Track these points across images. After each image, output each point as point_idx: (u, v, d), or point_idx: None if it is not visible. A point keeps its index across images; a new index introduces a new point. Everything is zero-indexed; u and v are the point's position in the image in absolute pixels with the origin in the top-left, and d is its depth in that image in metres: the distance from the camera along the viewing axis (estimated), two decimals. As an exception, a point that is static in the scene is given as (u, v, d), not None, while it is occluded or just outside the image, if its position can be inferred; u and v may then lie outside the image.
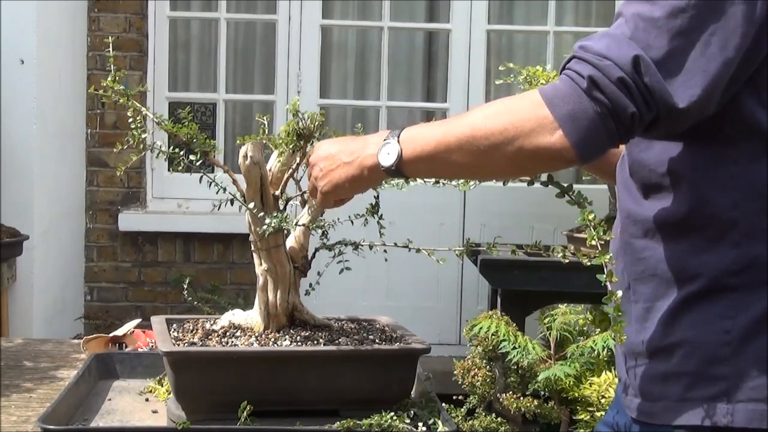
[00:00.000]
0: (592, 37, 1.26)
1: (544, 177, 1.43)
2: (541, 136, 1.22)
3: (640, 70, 1.19)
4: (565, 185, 1.39)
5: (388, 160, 1.35)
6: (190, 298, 2.90)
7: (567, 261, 1.54)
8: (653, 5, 1.21)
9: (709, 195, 1.28)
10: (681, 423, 1.29)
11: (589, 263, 1.35)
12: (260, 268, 1.66)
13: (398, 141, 1.35)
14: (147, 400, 1.75)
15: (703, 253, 1.29)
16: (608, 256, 1.28)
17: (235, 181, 1.64)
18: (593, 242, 1.28)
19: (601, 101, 1.19)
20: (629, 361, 1.39)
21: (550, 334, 3.09)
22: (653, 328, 1.33)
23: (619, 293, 1.27)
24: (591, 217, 1.30)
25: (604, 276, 1.27)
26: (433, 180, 1.53)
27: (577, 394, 2.92)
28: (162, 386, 1.78)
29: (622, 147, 1.50)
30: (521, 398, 2.95)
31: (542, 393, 3.01)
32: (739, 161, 1.26)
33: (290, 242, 1.68)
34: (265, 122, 1.72)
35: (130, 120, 1.61)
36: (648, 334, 1.34)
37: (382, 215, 1.65)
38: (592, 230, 1.29)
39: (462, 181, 1.57)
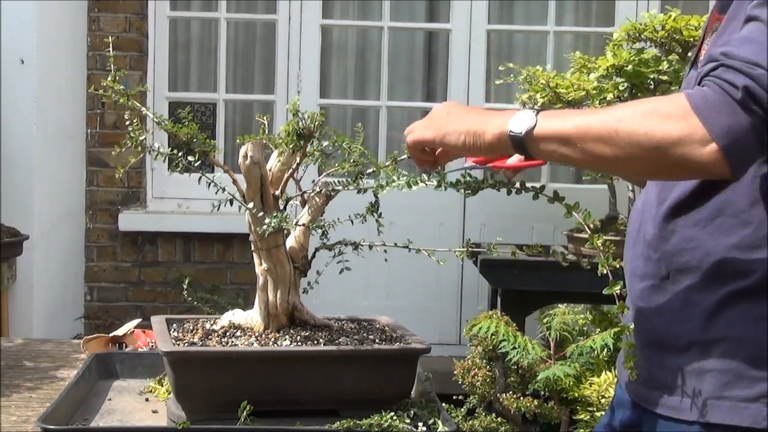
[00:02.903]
0: (731, 42, 1.21)
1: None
2: (690, 147, 1.17)
3: None
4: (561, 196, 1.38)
5: (518, 126, 1.30)
6: (190, 298, 2.91)
7: (567, 264, 1.53)
8: None
9: None
10: (715, 421, 1.27)
11: (588, 266, 1.35)
12: (260, 268, 1.66)
13: (535, 113, 1.30)
14: (147, 400, 1.75)
15: (756, 249, 1.27)
16: (619, 285, 1.27)
17: (235, 181, 1.64)
18: (604, 271, 1.26)
19: (756, 113, 1.16)
20: (653, 352, 1.35)
21: (549, 334, 3.09)
22: (691, 321, 1.31)
23: (632, 325, 1.25)
24: (600, 241, 1.29)
25: (616, 308, 1.26)
26: (437, 183, 1.49)
27: (577, 394, 2.92)
28: (162, 386, 1.78)
29: None
30: (521, 398, 2.95)
31: (542, 393, 3.01)
32: None
33: (290, 242, 1.68)
34: (265, 122, 1.72)
35: (128, 122, 1.61)
36: (684, 327, 1.31)
37: (381, 214, 1.64)
38: (602, 255, 1.27)
39: (470, 189, 1.50)
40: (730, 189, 1.30)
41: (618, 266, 1.31)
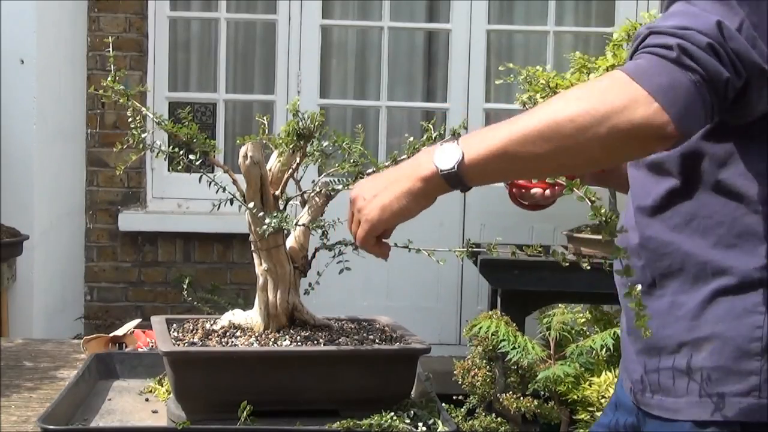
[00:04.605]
0: (656, 21, 1.21)
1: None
2: (634, 110, 1.13)
3: (724, 35, 1.15)
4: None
5: (447, 162, 1.24)
6: (190, 298, 2.91)
7: (567, 264, 1.53)
8: None
9: (743, 189, 1.27)
10: (709, 418, 1.28)
11: (587, 266, 1.34)
12: (260, 268, 1.66)
13: (457, 143, 1.24)
14: (147, 400, 1.75)
15: (733, 247, 1.28)
16: (622, 251, 1.26)
17: (235, 181, 1.64)
18: (608, 238, 1.25)
19: (694, 69, 1.14)
20: (646, 357, 1.37)
21: (549, 334, 3.09)
22: (678, 323, 1.31)
23: (639, 287, 1.24)
24: (603, 211, 1.27)
25: (621, 271, 1.25)
26: None
27: (576, 395, 2.92)
28: (162, 386, 1.78)
29: None
30: (521, 398, 2.95)
31: (542, 393, 3.01)
32: None
33: (290, 242, 1.68)
34: (265, 122, 1.72)
35: (130, 119, 1.62)
36: (673, 329, 1.32)
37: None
38: (605, 225, 1.26)
39: None
40: (701, 193, 1.31)
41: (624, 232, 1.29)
